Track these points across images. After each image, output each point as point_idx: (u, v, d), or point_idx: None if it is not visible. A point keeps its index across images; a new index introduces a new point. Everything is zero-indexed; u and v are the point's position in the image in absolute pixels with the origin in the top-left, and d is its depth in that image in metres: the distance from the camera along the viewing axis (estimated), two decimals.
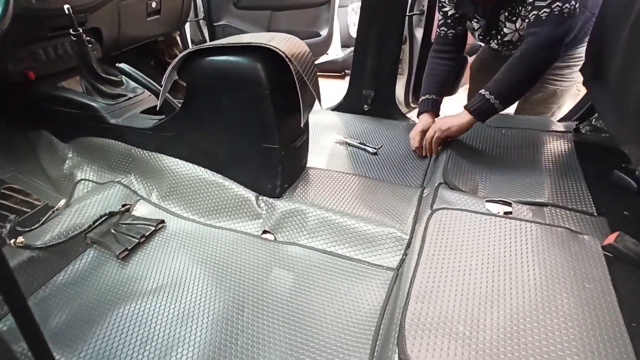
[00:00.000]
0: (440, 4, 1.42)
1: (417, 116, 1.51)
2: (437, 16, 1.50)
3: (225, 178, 1.20)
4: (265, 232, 1.17)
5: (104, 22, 1.47)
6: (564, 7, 1.12)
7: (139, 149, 1.27)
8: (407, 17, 1.82)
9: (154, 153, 1.25)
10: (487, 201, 1.05)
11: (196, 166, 1.22)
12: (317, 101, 1.11)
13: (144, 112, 1.35)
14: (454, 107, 1.55)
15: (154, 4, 1.72)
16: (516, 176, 1.16)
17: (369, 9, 1.71)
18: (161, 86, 1.08)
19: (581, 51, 1.40)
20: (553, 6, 1.13)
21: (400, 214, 1.11)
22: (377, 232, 1.06)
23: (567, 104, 1.65)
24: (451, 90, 2.21)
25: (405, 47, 1.96)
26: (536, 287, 0.77)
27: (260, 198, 1.19)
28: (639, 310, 0.74)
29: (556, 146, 1.32)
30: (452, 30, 1.47)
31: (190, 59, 1.03)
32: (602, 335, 0.68)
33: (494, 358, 0.64)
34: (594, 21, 1.29)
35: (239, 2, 2.28)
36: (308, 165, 1.34)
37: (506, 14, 1.28)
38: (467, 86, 1.92)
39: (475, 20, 1.41)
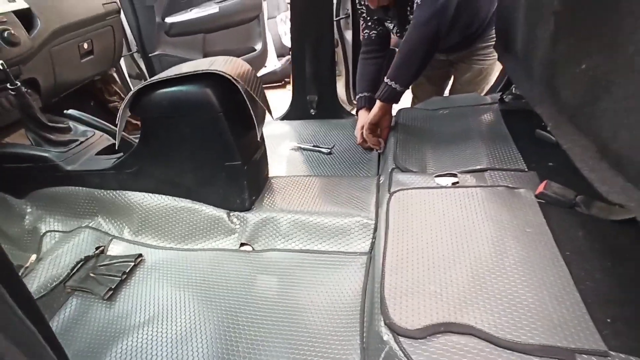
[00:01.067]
0: (359, 11, 1.56)
1: (356, 114, 1.63)
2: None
3: (195, 202, 1.25)
4: (242, 244, 1.23)
5: (39, 71, 1.45)
6: None
7: (102, 190, 1.28)
8: (335, 22, 1.94)
9: (118, 191, 1.27)
10: (436, 176, 1.17)
11: (164, 196, 1.26)
12: (268, 113, 1.19)
13: (99, 153, 1.35)
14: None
15: (85, 45, 1.72)
16: (457, 149, 1.30)
17: (298, 19, 1.81)
18: (115, 125, 1.11)
19: None
20: None
21: (363, 203, 1.21)
22: (345, 223, 1.16)
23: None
24: None
25: (339, 50, 2.08)
26: (488, 240, 0.90)
27: (232, 214, 1.24)
28: (570, 241, 0.88)
29: (486, 117, 1.48)
30: (374, 32, 1.60)
31: (141, 95, 1.07)
32: (545, 267, 0.81)
33: (462, 304, 0.75)
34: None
35: (170, 30, 2.29)
36: (270, 175, 1.42)
37: (410, 8, 1.42)
38: None
39: (388, 21, 1.55)
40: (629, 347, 0.67)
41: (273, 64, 3.27)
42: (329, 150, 1.68)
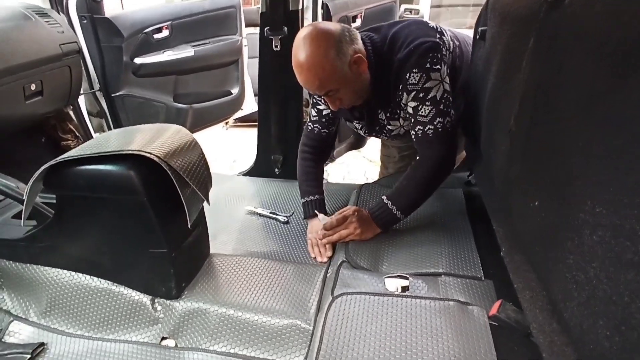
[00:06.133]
0: (314, 101, 1.38)
1: (304, 219, 1.43)
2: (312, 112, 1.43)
3: (115, 284, 1.10)
4: (164, 338, 1.08)
5: None
6: (445, 121, 1.13)
7: (10, 261, 1.12)
8: None
9: (28, 265, 1.11)
10: (385, 278, 1.06)
11: (80, 274, 1.10)
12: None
13: (16, 216, 1.20)
14: None
15: (33, 86, 1.59)
16: (414, 245, 1.20)
17: (266, 79, 1.74)
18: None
19: None
20: (435, 122, 1.13)
21: (304, 301, 1.08)
22: (280, 326, 1.02)
23: None
24: (359, 144, 2.31)
25: (309, 108, 2.01)
26: None
27: (156, 301, 1.09)
28: None
29: (450, 206, 1.39)
30: (325, 130, 1.42)
31: (56, 169, 0.94)
32: None
33: None
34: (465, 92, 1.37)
35: (138, 71, 2.19)
36: (214, 248, 1.28)
37: (387, 114, 1.28)
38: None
39: (355, 121, 1.39)
40: None
41: (250, 107, 3.19)
42: (286, 219, 1.57)
